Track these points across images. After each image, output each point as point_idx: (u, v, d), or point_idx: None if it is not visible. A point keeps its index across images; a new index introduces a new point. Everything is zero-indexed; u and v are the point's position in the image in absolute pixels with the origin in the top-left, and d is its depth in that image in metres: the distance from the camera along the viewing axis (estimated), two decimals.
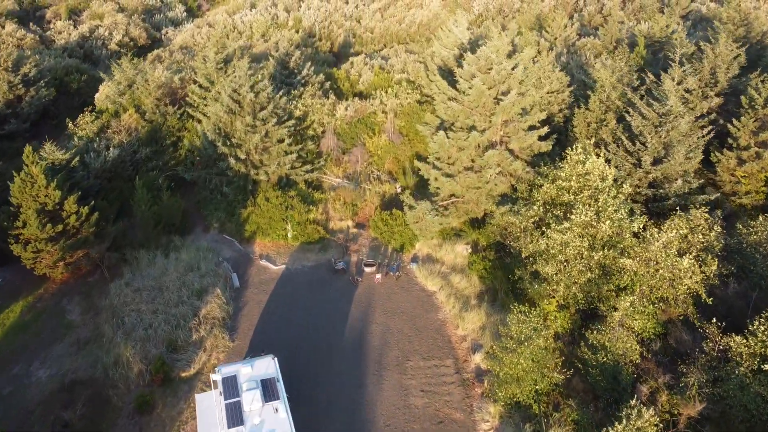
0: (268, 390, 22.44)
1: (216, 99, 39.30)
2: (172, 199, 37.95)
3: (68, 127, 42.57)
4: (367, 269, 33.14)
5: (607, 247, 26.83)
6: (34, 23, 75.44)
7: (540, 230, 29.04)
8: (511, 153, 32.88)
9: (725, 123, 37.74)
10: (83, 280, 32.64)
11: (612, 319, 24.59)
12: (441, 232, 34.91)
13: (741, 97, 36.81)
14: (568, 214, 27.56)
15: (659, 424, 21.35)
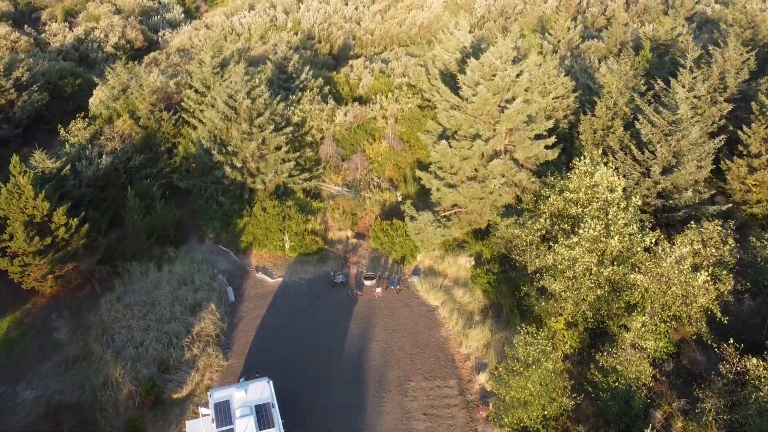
0: (262, 417, 21.35)
1: (212, 105, 38.18)
2: (166, 208, 36.88)
3: (60, 134, 41.40)
4: (367, 282, 32.04)
5: (617, 263, 25.75)
6: (29, 25, 74.34)
7: (547, 244, 27.96)
8: (516, 162, 31.77)
9: (735, 130, 36.71)
10: (73, 294, 31.58)
11: (623, 341, 23.47)
12: (443, 244, 33.80)
13: (751, 103, 35.71)
14: (576, 228, 26.49)
15: None
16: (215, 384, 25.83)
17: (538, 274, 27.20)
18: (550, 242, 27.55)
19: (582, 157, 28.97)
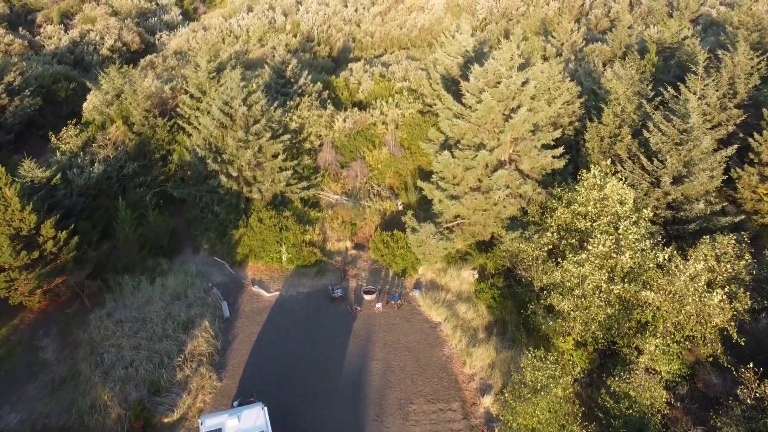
0: None
1: (207, 111, 37.02)
2: (160, 218, 35.76)
3: (51, 141, 40.28)
4: (367, 297, 30.92)
5: (628, 280, 24.62)
6: (24, 27, 73.18)
7: (554, 259, 26.85)
8: (521, 173, 30.63)
9: (745, 137, 35.59)
10: (62, 309, 30.42)
11: (637, 366, 22.33)
12: (446, 256, 32.66)
13: (763, 110, 34.60)
14: (585, 243, 25.37)
15: None
16: (208, 407, 24.73)
17: (545, 292, 26.08)
18: (558, 258, 26.45)
19: (590, 168, 27.86)
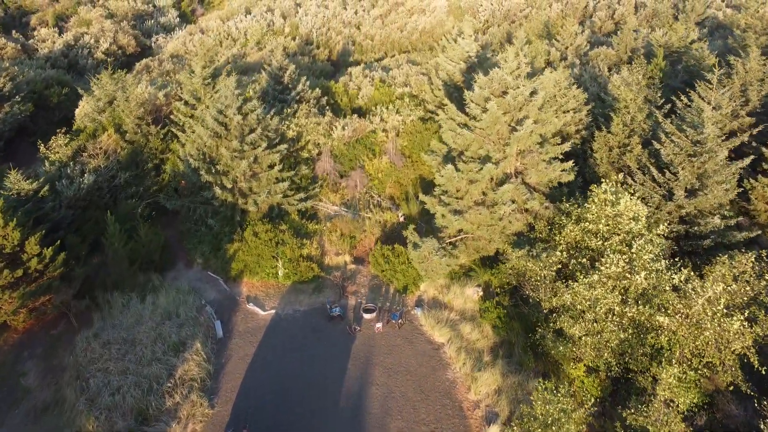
0: None
1: (201, 120, 35.65)
2: (151, 231, 34.44)
3: (40, 150, 38.99)
4: (366, 316, 29.60)
5: (642, 302, 23.32)
6: (18, 30, 71.89)
7: (563, 279, 25.53)
8: (528, 186, 29.31)
9: (758, 146, 34.30)
10: (47, 330, 29.10)
11: (655, 397, 21.00)
12: (449, 272, 31.32)
13: None
14: (596, 263, 24.05)
15: None
16: None
17: (554, 314, 24.77)
18: (567, 277, 25.15)
19: (601, 182, 26.57)
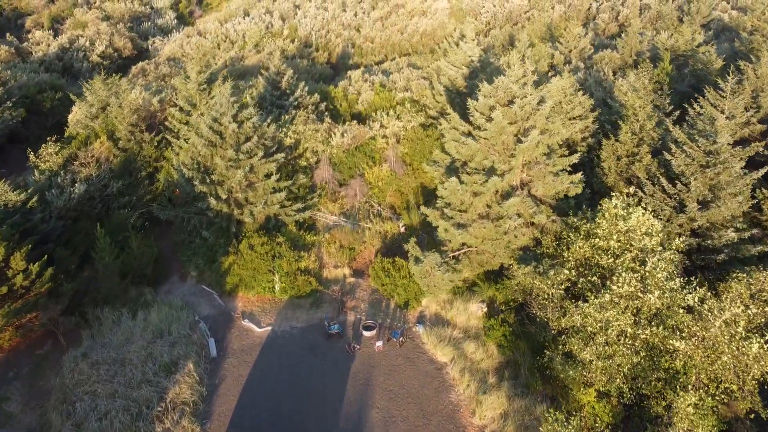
0: None
1: (195, 128, 34.50)
2: (145, 241, 33.33)
3: (30, 159, 37.86)
4: (366, 333, 28.46)
5: (656, 323, 22.19)
6: (12, 33, 70.70)
7: (572, 298, 24.39)
8: (534, 198, 28.17)
9: None
10: (34, 349, 27.96)
11: (673, 428, 19.86)
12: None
13: None
14: (608, 282, 22.92)
15: None
16: None
17: (563, 336, 23.64)
18: (577, 296, 24.02)
19: (611, 195, 25.46)
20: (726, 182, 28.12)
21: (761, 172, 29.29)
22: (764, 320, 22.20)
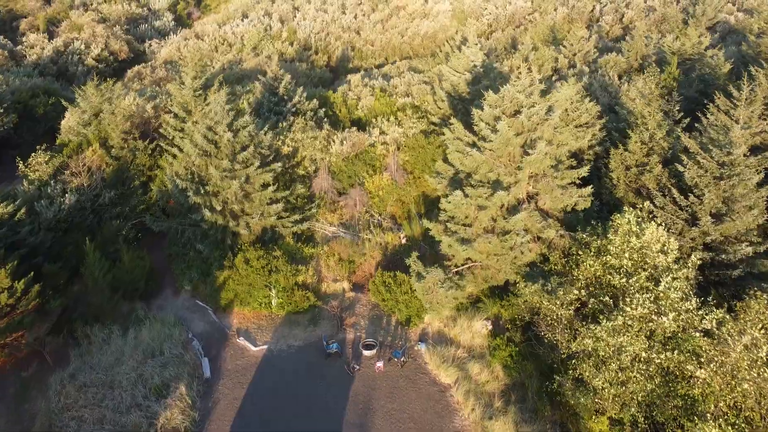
0: None
1: (190, 137, 33.33)
2: (138, 254, 32.23)
3: (19, 168, 36.71)
4: (366, 352, 27.31)
5: (671, 346, 21.05)
6: (7, 35, 69.62)
7: (582, 319, 23.24)
8: (542, 212, 27.03)
9: None
10: (19, 370, 26.81)
11: None
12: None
13: None
14: (620, 302, 21.78)
15: None
16: None
17: (573, 360, 22.49)
18: (587, 318, 22.88)
19: (622, 209, 24.32)
20: (741, 195, 26.98)
21: None
22: None
